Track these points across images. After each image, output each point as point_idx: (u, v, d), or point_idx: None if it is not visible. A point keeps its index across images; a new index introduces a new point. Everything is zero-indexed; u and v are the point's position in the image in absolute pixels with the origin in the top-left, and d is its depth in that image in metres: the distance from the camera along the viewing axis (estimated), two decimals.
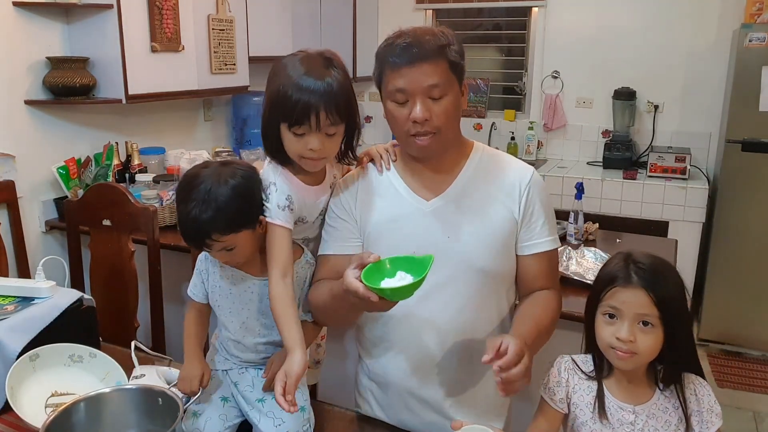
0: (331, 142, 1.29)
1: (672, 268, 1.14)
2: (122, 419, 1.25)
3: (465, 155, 1.37)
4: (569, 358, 1.22)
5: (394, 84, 1.23)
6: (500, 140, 4.28)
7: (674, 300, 1.09)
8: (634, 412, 1.14)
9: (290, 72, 1.24)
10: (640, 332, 1.08)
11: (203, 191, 1.19)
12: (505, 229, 1.32)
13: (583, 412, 1.17)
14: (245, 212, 1.24)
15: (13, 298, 1.51)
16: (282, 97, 1.23)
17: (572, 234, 2.39)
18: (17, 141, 2.53)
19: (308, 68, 1.24)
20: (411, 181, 1.36)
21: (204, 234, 1.20)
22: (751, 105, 3.21)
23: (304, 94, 1.21)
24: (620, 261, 1.13)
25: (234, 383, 1.35)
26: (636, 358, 1.10)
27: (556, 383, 1.20)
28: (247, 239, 1.25)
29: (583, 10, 3.96)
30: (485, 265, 1.32)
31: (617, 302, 1.10)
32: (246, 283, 1.32)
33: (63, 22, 2.65)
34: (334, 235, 1.38)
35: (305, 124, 1.23)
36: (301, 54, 1.28)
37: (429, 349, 1.34)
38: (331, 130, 1.27)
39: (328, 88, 1.22)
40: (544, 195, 1.37)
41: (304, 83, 1.22)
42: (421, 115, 1.22)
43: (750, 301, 3.37)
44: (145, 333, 2.20)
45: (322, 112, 1.22)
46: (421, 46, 1.21)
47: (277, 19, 3.49)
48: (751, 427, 2.80)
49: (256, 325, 1.33)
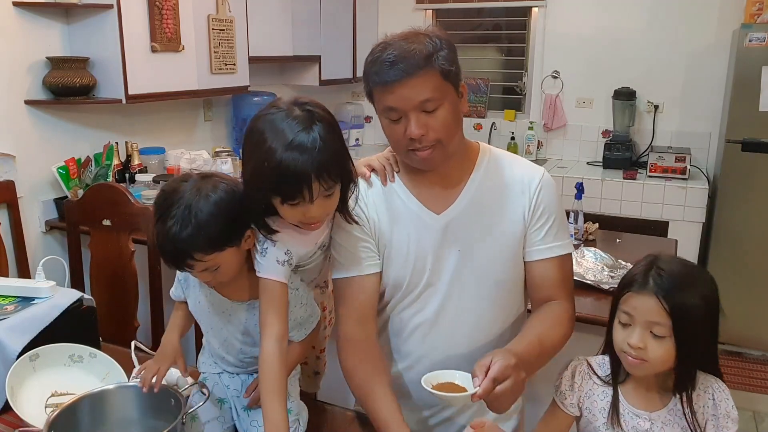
0: (330, 202, 1.16)
1: (702, 278, 1.09)
2: (125, 416, 1.25)
3: (471, 161, 1.32)
4: (585, 362, 1.19)
5: (385, 103, 1.18)
6: (500, 140, 4.27)
7: (691, 311, 1.04)
8: (650, 419, 1.11)
9: (272, 143, 1.07)
10: (651, 340, 1.05)
11: (183, 207, 1.09)
12: (516, 236, 1.29)
13: (596, 417, 1.15)
14: (228, 229, 1.13)
15: (13, 298, 1.51)
16: (268, 173, 1.08)
17: (572, 234, 2.39)
18: (17, 141, 2.53)
19: (291, 133, 1.08)
20: (419, 194, 1.30)
21: (184, 254, 1.11)
22: (751, 105, 3.21)
23: (292, 169, 1.06)
24: (644, 265, 1.09)
25: (226, 386, 1.35)
26: (647, 366, 1.07)
27: (569, 387, 1.18)
28: (233, 257, 1.16)
29: (583, 10, 3.96)
30: (499, 276, 1.29)
31: (629, 308, 1.08)
32: (224, 305, 1.25)
33: (63, 22, 2.65)
34: (352, 257, 1.29)
35: (299, 198, 1.10)
36: (278, 113, 1.10)
37: (443, 360, 1.30)
38: (326, 194, 1.13)
39: (318, 156, 1.07)
40: (555, 197, 1.31)
41: (290, 156, 1.06)
42: (417, 132, 1.17)
43: (750, 301, 3.36)
44: (145, 333, 2.20)
45: (314, 183, 1.08)
46: (407, 61, 1.14)
47: (277, 19, 3.49)
48: (751, 427, 2.80)
49: (236, 343, 1.29)
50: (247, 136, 1.13)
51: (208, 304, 1.26)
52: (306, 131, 1.08)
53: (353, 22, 4.17)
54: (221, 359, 1.34)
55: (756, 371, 3.27)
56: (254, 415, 1.27)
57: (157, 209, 1.14)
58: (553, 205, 1.31)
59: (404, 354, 1.36)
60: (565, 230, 1.34)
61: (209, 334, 1.32)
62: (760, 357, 3.41)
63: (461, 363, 1.29)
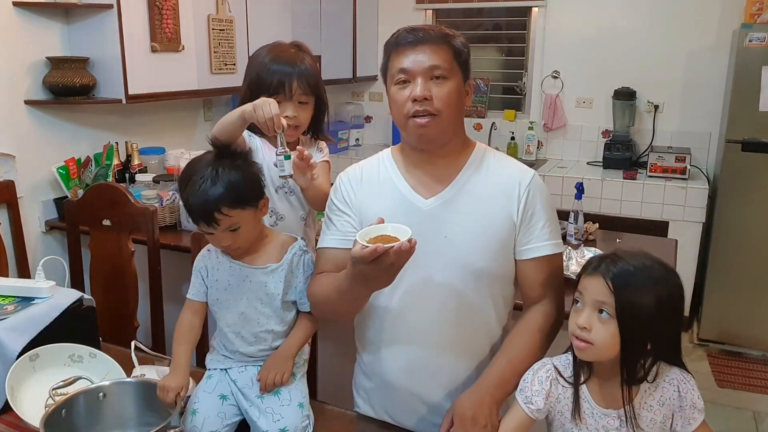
0: (304, 111, 1.64)
1: (662, 267, 1.10)
2: (121, 412, 1.26)
3: (466, 155, 1.37)
4: (551, 366, 1.19)
5: (397, 65, 1.27)
6: (500, 140, 4.28)
7: (635, 294, 1.05)
8: (619, 417, 1.12)
9: (264, 58, 1.62)
10: (597, 321, 1.07)
11: (212, 169, 1.25)
12: (503, 231, 1.32)
13: (567, 417, 1.16)
14: (250, 189, 1.29)
15: (13, 298, 1.51)
16: (261, 75, 1.60)
17: (572, 234, 2.39)
18: (17, 141, 2.53)
19: (281, 51, 1.64)
20: (411, 178, 1.36)
21: (213, 207, 1.23)
22: (751, 105, 3.21)
23: (278, 69, 1.59)
24: (606, 253, 1.13)
25: (233, 381, 1.35)
26: (593, 349, 1.08)
27: (536, 392, 1.17)
28: (250, 220, 1.30)
29: (583, 10, 3.96)
30: (482, 265, 1.31)
31: (581, 287, 1.11)
32: (244, 272, 1.34)
33: (63, 22, 2.65)
34: (333, 227, 1.39)
35: (281, 93, 1.58)
36: (274, 44, 1.66)
37: (425, 348, 1.34)
38: (303, 99, 1.62)
39: (300, 64, 1.61)
40: (545, 198, 1.35)
41: (278, 62, 1.60)
42: (420, 93, 1.24)
43: (750, 301, 3.36)
44: (145, 333, 2.20)
45: (294, 81, 1.58)
46: (426, 32, 1.27)
47: (277, 19, 3.49)
48: (751, 427, 2.80)
49: (254, 314, 1.34)
50: (248, 62, 1.69)
51: (227, 276, 1.36)
52: (294, 51, 1.65)
53: (353, 22, 4.17)
54: (236, 339, 1.35)
55: (756, 371, 3.28)
56: (268, 402, 1.29)
57: (183, 178, 1.29)
58: (543, 206, 1.34)
59: (386, 340, 1.38)
60: (555, 231, 1.36)
61: (227, 311, 1.35)
62: (760, 357, 3.41)
63: (445, 349, 1.34)
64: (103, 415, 1.25)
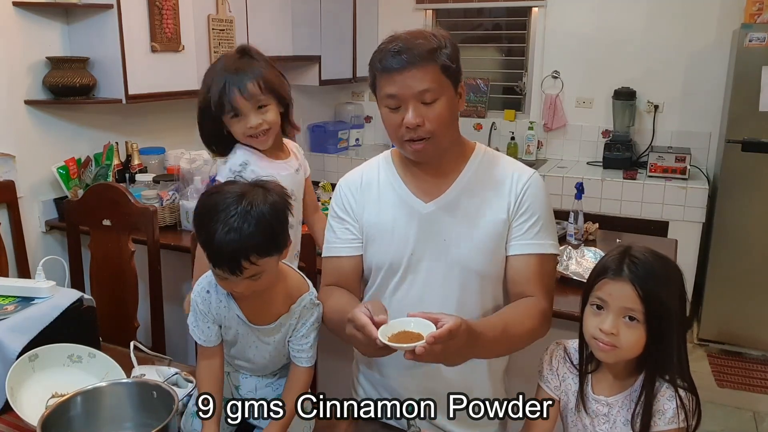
0: (268, 114, 1.54)
1: (672, 267, 1.13)
2: (119, 413, 1.25)
3: (465, 158, 1.35)
4: (562, 347, 1.24)
5: (386, 90, 1.23)
6: (500, 140, 4.28)
7: (663, 298, 1.07)
8: (608, 404, 1.15)
9: (209, 77, 1.55)
10: (624, 326, 1.08)
11: (245, 205, 1.06)
12: (499, 230, 1.31)
13: (570, 400, 1.20)
14: (281, 233, 1.12)
15: (13, 298, 1.51)
16: (211, 96, 1.51)
17: (572, 234, 2.39)
18: (17, 141, 2.53)
19: (224, 64, 1.54)
20: (410, 183, 1.35)
21: (243, 253, 1.05)
22: (751, 105, 3.20)
23: (225, 83, 1.50)
24: (617, 254, 1.12)
25: (235, 387, 1.35)
26: (617, 352, 1.09)
27: (549, 371, 1.22)
28: (273, 266, 1.14)
29: (583, 10, 3.96)
30: (482, 268, 1.31)
31: (605, 294, 1.10)
32: (252, 328, 1.24)
33: (63, 22, 2.65)
34: (334, 236, 1.39)
35: (237, 106, 1.50)
36: (219, 57, 1.58)
37: None
38: (262, 102, 1.52)
39: (243, 69, 1.51)
40: (541, 197, 1.33)
41: (222, 75, 1.51)
42: (413, 121, 1.21)
43: (750, 301, 3.36)
44: (145, 333, 2.20)
45: (246, 84, 1.49)
46: (411, 52, 1.20)
47: (277, 19, 3.49)
48: (751, 427, 2.80)
49: (262, 360, 1.29)
50: (203, 80, 1.58)
51: (237, 327, 1.24)
52: (237, 58, 1.54)
53: (353, 22, 4.17)
54: (237, 366, 1.34)
55: (756, 371, 3.27)
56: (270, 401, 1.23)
57: (206, 210, 1.09)
58: (539, 204, 1.32)
59: None
60: (551, 232, 1.34)
61: (235, 355, 1.30)
62: (760, 357, 3.41)
63: None
64: (102, 416, 1.25)
